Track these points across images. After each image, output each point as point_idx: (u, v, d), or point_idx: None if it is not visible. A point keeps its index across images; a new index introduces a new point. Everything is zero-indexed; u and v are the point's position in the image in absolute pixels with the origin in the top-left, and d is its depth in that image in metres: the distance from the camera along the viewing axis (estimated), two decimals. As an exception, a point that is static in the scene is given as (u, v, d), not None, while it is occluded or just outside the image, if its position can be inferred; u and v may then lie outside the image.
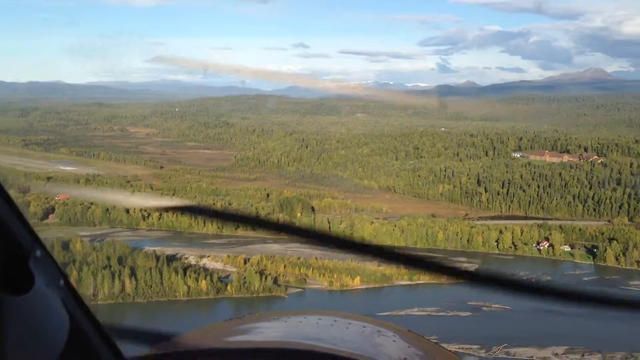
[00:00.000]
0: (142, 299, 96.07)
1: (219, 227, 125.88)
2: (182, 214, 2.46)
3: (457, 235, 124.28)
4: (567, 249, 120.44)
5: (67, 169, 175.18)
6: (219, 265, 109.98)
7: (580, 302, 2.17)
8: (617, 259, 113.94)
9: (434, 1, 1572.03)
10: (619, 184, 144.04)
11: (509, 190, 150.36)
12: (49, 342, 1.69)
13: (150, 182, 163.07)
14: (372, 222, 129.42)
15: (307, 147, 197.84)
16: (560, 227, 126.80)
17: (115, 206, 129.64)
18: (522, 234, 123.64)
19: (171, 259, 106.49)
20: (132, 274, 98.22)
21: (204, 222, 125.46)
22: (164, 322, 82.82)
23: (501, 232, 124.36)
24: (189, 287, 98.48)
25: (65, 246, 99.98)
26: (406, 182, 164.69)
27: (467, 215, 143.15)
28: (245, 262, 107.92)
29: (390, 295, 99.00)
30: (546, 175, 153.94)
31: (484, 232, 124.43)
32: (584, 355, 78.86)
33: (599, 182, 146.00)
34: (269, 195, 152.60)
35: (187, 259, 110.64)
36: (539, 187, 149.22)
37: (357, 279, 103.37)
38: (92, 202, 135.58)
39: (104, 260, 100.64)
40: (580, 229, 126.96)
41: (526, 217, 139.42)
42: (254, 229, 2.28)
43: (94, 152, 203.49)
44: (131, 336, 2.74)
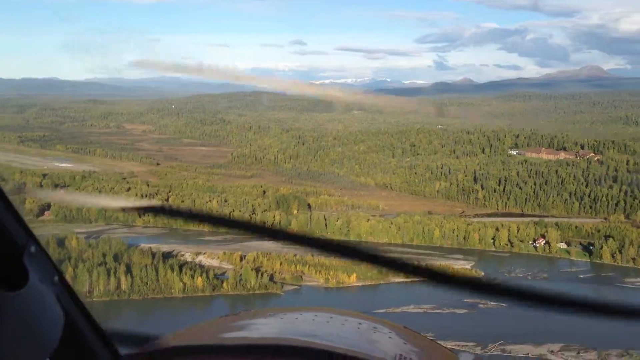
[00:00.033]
0: (138, 296, 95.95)
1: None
2: (154, 214, 2.46)
3: (453, 232, 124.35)
4: (563, 246, 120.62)
5: (63, 165, 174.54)
6: (215, 262, 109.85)
7: (546, 305, 2.05)
8: (613, 257, 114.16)
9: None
10: (615, 181, 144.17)
11: (505, 187, 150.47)
12: (43, 337, 1.68)
13: (146, 179, 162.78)
14: (369, 220, 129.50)
15: (303, 144, 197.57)
16: (556, 224, 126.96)
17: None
18: (518, 231, 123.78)
19: (167, 256, 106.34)
20: (128, 271, 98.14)
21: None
22: (159, 319, 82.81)
23: (497, 229, 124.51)
24: (184, 284, 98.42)
25: (60, 243, 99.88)
26: (403, 179, 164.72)
27: (464, 212, 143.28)
28: (241, 259, 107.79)
29: (386, 292, 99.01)
30: (543, 172, 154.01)
31: (480, 230, 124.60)
32: (579, 352, 78.97)
33: (596, 180, 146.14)
34: (265, 192, 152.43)
35: (183, 256, 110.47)
36: (535, 184, 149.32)
37: (354, 276, 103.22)
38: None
39: (99, 257, 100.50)
40: (576, 227, 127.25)
41: (522, 215, 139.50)
42: (225, 228, 2.28)
43: (90, 148, 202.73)
44: (119, 339, 2.70)
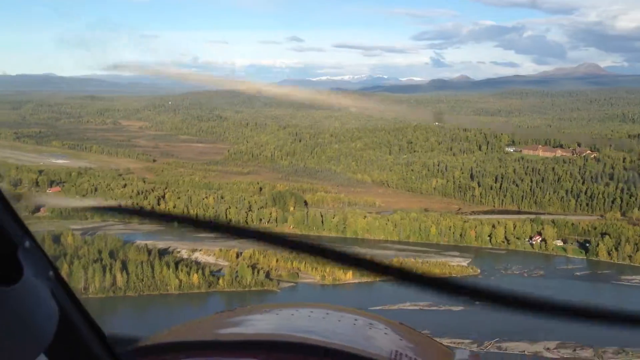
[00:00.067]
0: (134, 293, 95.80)
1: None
2: (111, 214, 2.47)
3: (449, 229, 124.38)
4: (559, 243, 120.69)
5: (59, 162, 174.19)
6: (211, 259, 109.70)
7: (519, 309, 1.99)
8: (609, 254, 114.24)
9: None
10: (611, 178, 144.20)
11: (502, 184, 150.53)
12: (38, 332, 1.67)
13: (142, 176, 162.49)
14: (365, 216, 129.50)
15: (300, 141, 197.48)
16: (553, 221, 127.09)
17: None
18: (514, 228, 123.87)
19: (163, 253, 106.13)
20: (124, 267, 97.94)
21: (196, 216, 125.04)
22: (155, 316, 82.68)
23: (494, 226, 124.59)
24: (180, 280, 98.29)
25: (56, 239, 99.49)
26: (399, 176, 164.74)
27: (460, 209, 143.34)
28: (237, 256, 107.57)
29: (382, 289, 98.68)
30: (539, 169, 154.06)
31: (476, 227, 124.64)
32: (575, 349, 79.05)
33: (592, 177, 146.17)
34: (262, 189, 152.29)
35: (179, 252, 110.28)
36: (532, 181, 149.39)
37: (350, 273, 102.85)
38: (83, 195, 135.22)
39: (95, 253, 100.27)
40: (572, 224, 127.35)
41: (519, 212, 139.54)
42: (191, 228, 2.25)
43: (86, 145, 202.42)
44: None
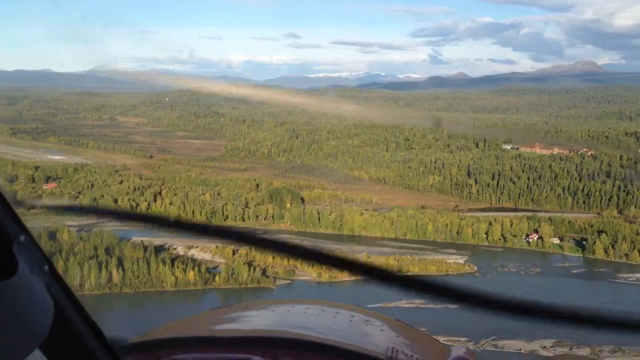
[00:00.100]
0: (130, 290, 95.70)
1: (207, 217, 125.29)
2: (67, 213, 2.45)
3: (446, 226, 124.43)
4: (556, 241, 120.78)
5: (56, 158, 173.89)
6: (207, 256, 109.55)
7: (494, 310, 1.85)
8: (606, 252, 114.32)
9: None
10: (608, 176, 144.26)
11: (499, 182, 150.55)
12: (33, 327, 1.66)
13: (139, 172, 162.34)
14: (362, 213, 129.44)
15: (297, 138, 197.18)
16: (549, 219, 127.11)
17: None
18: (511, 226, 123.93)
19: (159, 250, 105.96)
20: (120, 264, 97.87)
21: (192, 212, 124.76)
22: (151, 313, 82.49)
23: (491, 224, 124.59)
24: (176, 277, 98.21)
25: (52, 236, 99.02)
26: (396, 173, 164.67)
27: (457, 206, 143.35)
28: (233, 253, 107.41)
29: (379, 287, 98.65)
30: (536, 167, 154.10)
31: (473, 224, 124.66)
32: (572, 348, 78.94)
33: (589, 175, 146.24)
34: (258, 185, 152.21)
35: (175, 249, 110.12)
36: (528, 179, 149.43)
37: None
38: (79, 192, 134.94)
39: (91, 250, 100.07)
40: (569, 222, 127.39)
41: (516, 209, 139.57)
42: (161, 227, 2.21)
43: (83, 141, 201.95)
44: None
